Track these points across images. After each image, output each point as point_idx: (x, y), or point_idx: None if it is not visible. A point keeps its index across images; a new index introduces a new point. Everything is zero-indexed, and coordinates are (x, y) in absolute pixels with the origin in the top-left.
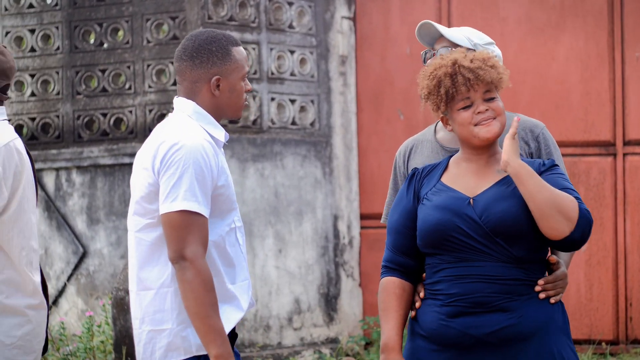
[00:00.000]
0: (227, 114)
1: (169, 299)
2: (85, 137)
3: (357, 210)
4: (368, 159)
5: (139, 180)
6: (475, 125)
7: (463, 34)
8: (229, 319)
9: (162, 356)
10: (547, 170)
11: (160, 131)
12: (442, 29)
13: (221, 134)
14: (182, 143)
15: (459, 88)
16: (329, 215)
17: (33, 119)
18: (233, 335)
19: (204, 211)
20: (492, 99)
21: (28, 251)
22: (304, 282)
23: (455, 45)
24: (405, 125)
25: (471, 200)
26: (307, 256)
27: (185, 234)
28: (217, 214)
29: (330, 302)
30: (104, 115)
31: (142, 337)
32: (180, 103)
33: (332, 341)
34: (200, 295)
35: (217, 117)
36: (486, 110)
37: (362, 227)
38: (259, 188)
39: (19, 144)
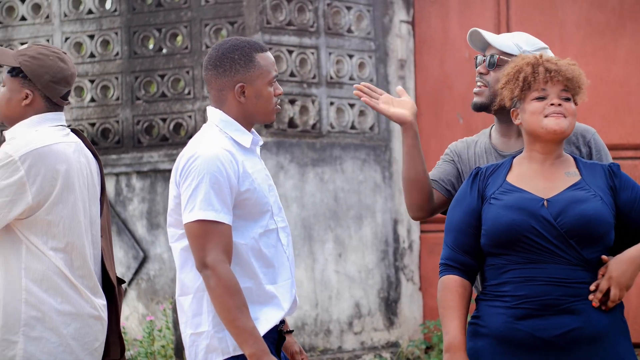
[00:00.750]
0: (258, 119)
1: (204, 302)
2: (144, 142)
3: None
4: (428, 162)
5: (170, 193)
6: (546, 116)
7: (512, 41)
8: (268, 319)
9: (203, 358)
10: (622, 182)
11: (188, 143)
12: (489, 36)
13: (247, 140)
14: (198, 154)
15: (537, 77)
16: (389, 219)
17: (93, 125)
18: (280, 336)
19: (223, 218)
20: (567, 99)
21: (72, 254)
22: (364, 286)
23: (503, 53)
24: (465, 129)
25: (545, 202)
26: (367, 260)
27: (204, 242)
28: (249, 217)
29: (390, 306)
30: (164, 120)
31: (186, 340)
32: (210, 112)
33: (393, 345)
34: (224, 300)
35: (248, 123)
36: (559, 105)
37: (422, 231)
38: (318, 192)
39: (66, 147)
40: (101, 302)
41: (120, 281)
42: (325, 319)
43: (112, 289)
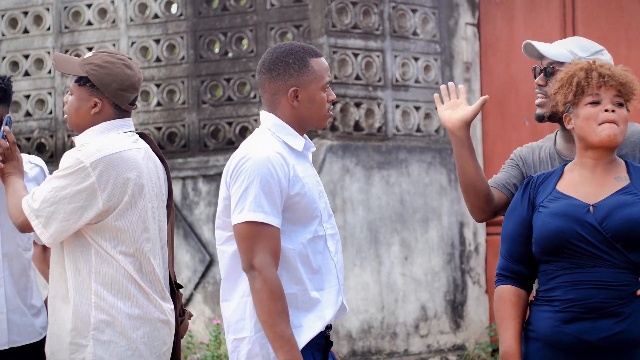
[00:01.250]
0: (311, 124)
1: (248, 307)
2: (211, 146)
3: None
4: (493, 165)
5: (219, 195)
6: (600, 124)
7: (566, 48)
8: (311, 326)
9: None
10: None
11: (240, 146)
12: (542, 47)
13: (300, 144)
14: (249, 156)
15: (591, 82)
16: (455, 222)
17: (159, 129)
18: (328, 342)
19: (272, 221)
20: (620, 105)
21: (141, 258)
22: (430, 289)
23: (558, 62)
24: (531, 131)
25: (591, 208)
26: (433, 263)
27: (252, 244)
28: (298, 222)
29: (456, 309)
30: (230, 124)
31: (229, 346)
32: (263, 116)
33: (459, 348)
34: (267, 303)
35: (301, 128)
36: (613, 111)
37: (488, 234)
38: (384, 195)
39: (135, 154)
40: (169, 306)
41: (178, 286)
42: (391, 321)
43: (174, 294)
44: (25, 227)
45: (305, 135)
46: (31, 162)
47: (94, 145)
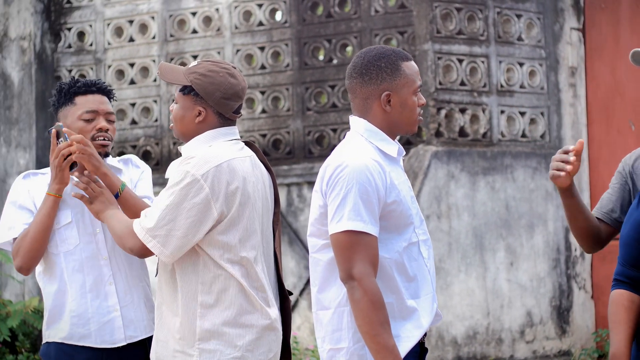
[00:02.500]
0: (401, 129)
1: (345, 318)
2: (315, 153)
3: None
4: (599, 170)
5: (313, 202)
6: None
7: None
8: (409, 336)
9: None
10: None
11: (333, 152)
12: None
13: (394, 150)
14: (346, 164)
15: None
16: (560, 227)
17: (264, 136)
18: (422, 349)
19: (371, 230)
20: None
21: (247, 266)
22: (536, 295)
23: None
24: (637, 136)
25: None
26: (539, 269)
27: (352, 253)
28: (393, 229)
29: (562, 314)
30: (334, 130)
31: (323, 355)
32: (354, 121)
33: (565, 354)
34: (368, 314)
35: (391, 133)
36: None
37: None
38: (489, 201)
39: (242, 162)
40: (275, 313)
41: (289, 293)
42: (496, 327)
43: (285, 300)
44: (143, 252)
45: (396, 140)
46: (137, 166)
47: (202, 157)
